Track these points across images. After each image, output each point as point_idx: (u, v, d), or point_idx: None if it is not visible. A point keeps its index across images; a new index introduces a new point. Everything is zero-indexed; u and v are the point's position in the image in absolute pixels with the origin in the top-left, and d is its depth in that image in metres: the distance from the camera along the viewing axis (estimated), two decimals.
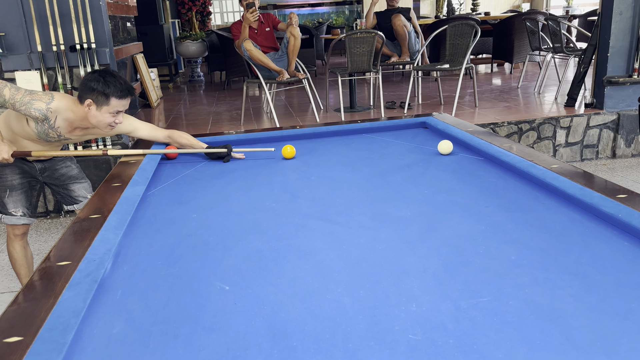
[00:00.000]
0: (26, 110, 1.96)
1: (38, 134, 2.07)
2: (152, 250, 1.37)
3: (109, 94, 1.94)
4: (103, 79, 1.94)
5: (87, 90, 1.96)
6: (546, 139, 4.46)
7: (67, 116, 2.03)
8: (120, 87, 1.97)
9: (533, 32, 5.72)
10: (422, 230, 1.42)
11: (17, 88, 1.96)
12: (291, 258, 1.30)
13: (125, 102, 2.00)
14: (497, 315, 0.99)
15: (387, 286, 1.13)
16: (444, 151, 2.11)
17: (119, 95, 1.97)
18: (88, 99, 1.96)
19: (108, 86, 1.94)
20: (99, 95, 1.94)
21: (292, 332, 0.98)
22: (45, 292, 1.10)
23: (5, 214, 2.28)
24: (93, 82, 1.95)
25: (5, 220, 2.29)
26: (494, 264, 1.20)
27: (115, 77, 1.97)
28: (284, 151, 2.21)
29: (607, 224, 1.37)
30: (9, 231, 2.35)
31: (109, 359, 0.92)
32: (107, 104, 1.96)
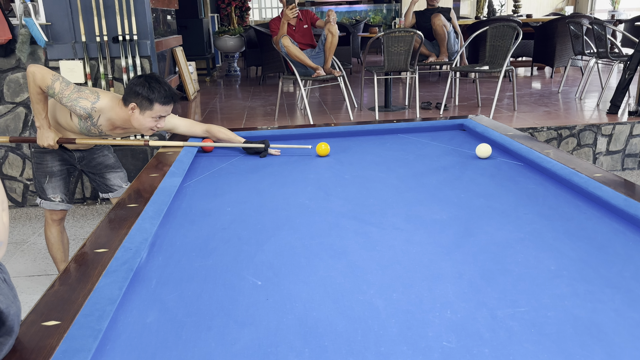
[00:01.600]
0: (72, 107, 2.02)
1: (80, 129, 2.14)
2: (187, 241, 1.39)
3: (153, 99, 1.99)
4: (148, 85, 1.98)
5: (132, 94, 2.01)
6: (586, 146, 4.33)
7: (110, 116, 2.08)
8: (165, 94, 2.01)
9: (577, 36, 5.56)
10: (458, 235, 1.39)
11: (67, 83, 2.02)
12: (323, 256, 1.29)
13: (168, 108, 2.04)
14: (535, 326, 0.97)
15: (421, 290, 1.11)
16: (483, 155, 2.06)
17: (163, 102, 2.01)
18: (132, 102, 2.00)
19: (152, 92, 1.98)
20: (143, 100, 1.99)
21: (323, 331, 0.97)
22: (83, 278, 1.12)
23: (45, 199, 2.35)
24: (138, 86, 1.99)
25: (44, 205, 2.36)
26: (533, 274, 1.16)
27: (160, 83, 2.01)
28: (318, 148, 2.21)
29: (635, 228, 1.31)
30: (47, 216, 2.42)
31: (142, 348, 0.94)
32: (150, 109, 2.00)
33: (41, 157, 2.29)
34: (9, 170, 3.91)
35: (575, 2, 12.43)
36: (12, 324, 0.88)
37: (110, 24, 3.61)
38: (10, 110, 3.79)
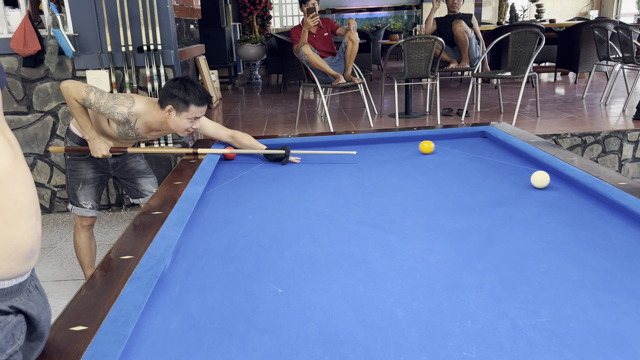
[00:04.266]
0: (110, 114, 2.09)
1: (119, 133, 2.21)
2: (210, 248, 1.41)
3: (189, 101, 2.05)
4: (184, 87, 2.05)
5: (168, 97, 2.07)
6: (612, 153, 4.25)
7: (146, 119, 2.15)
8: (200, 95, 2.07)
9: (601, 41, 5.47)
10: (479, 243, 1.38)
11: (101, 92, 2.10)
12: (343, 265, 1.30)
13: (203, 109, 2.10)
14: (556, 337, 0.96)
15: (441, 300, 1.11)
16: (540, 184, 1.78)
17: (198, 103, 2.07)
18: (169, 104, 2.07)
19: (188, 94, 2.04)
20: (180, 102, 2.05)
21: (343, 340, 0.98)
22: (109, 284, 1.15)
23: (76, 205, 2.41)
24: (174, 89, 2.05)
25: (75, 211, 2.42)
26: (555, 284, 1.15)
27: (195, 85, 2.08)
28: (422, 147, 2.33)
29: None
30: (77, 221, 2.48)
31: (166, 354, 0.96)
32: (186, 110, 2.06)
33: (76, 165, 2.36)
34: (37, 177, 4.02)
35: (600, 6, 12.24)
36: (42, 330, 0.91)
37: (135, 35, 3.69)
38: (39, 119, 3.90)
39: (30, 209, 0.84)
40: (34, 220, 0.85)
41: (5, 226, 0.79)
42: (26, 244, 0.82)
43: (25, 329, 0.86)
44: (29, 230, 0.83)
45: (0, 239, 0.79)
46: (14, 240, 0.80)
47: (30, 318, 0.87)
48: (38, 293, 0.92)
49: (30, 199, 0.84)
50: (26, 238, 0.82)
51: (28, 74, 3.80)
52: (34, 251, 0.85)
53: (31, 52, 3.65)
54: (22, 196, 0.81)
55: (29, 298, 0.88)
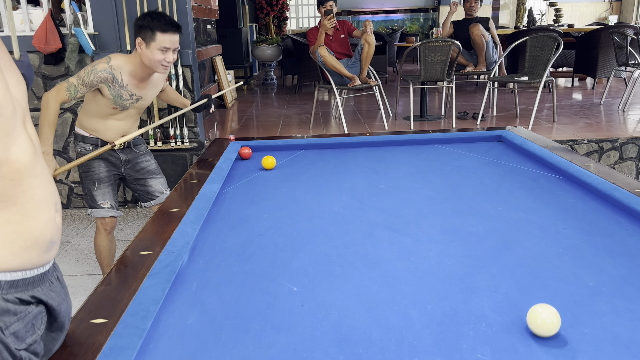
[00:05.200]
0: (94, 77, 2.14)
1: (114, 100, 2.23)
2: (226, 246, 1.43)
3: (153, 27, 2.09)
4: (149, 17, 2.11)
5: (136, 30, 2.14)
6: (629, 160, 4.21)
7: (128, 69, 2.20)
8: (164, 22, 2.11)
9: (620, 47, 5.41)
10: (494, 248, 1.38)
11: (76, 74, 2.18)
12: (358, 265, 1.31)
13: (171, 37, 2.12)
14: (571, 342, 0.96)
15: (455, 303, 1.11)
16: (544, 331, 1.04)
17: (163, 29, 2.10)
18: (138, 37, 2.12)
19: (152, 21, 2.09)
20: (146, 31, 2.10)
21: (357, 339, 0.99)
22: (128, 279, 1.17)
23: (95, 207, 2.43)
24: (140, 20, 2.12)
25: (94, 214, 2.44)
26: (571, 289, 1.15)
27: (161, 14, 2.13)
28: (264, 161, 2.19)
29: None
30: (98, 225, 2.50)
31: (183, 348, 0.97)
32: (153, 40, 2.10)
33: (88, 164, 2.38)
34: None
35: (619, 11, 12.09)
36: (63, 321, 0.94)
37: None
38: (59, 115, 3.95)
39: (49, 202, 0.87)
40: (53, 212, 0.88)
41: (24, 218, 0.82)
42: (45, 235, 0.85)
43: (45, 320, 0.89)
44: (48, 222, 0.86)
45: (20, 230, 0.82)
46: (34, 231, 0.83)
47: (51, 309, 0.90)
48: (59, 285, 0.95)
49: (48, 192, 0.87)
50: (45, 229, 0.85)
51: (49, 71, 3.86)
52: (54, 242, 0.88)
53: (52, 49, 3.71)
54: (40, 190, 0.84)
55: (51, 289, 0.91)
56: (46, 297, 0.89)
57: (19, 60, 1.60)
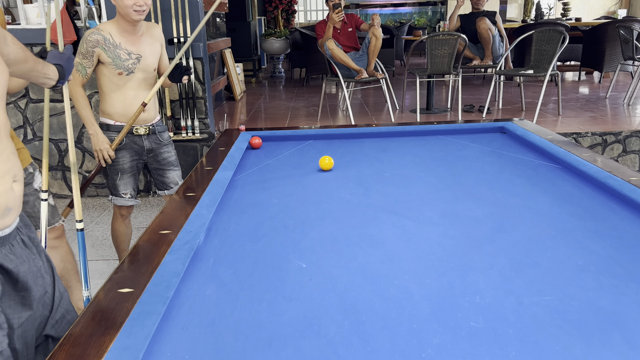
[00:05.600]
0: (87, 44, 2.26)
1: (115, 62, 2.31)
2: (239, 228, 1.52)
3: None
4: None
5: None
6: (632, 153, 4.26)
7: (115, 27, 2.32)
8: None
9: (626, 41, 5.44)
10: (491, 230, 1.47)
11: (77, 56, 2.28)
12: (363, 245, 1.40)
13: None
14: (558, 313, 1.04)
15: (452, 279, 1.20)
16: None
17: None
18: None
19: None
20: None
21: (361, 308, 1.08)
22: (150, 254, 1.27)
23: (116, 195, 2.54)
24: None
25: (115, 202, 2.56)
26: (561, 267, 1.24)
27: None
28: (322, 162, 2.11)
29: None
30: (115, 211, 2.62)
31: (202, 315, 1.07)
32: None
33: (115, 154, 2.48)
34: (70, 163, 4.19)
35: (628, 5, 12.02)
36: (25, 280, 1.07)
37: (166, 27, 3.83)
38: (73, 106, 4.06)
39: (6, 175, 1.01)
40: (10, 183, 1.02)
41: None
42: (1, 203, 0.99)
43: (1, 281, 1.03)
44: (5, 192, 1.00)
45: None
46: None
47: (8, 270, 1.04)
48: (23, 247, 1.10)
49: (7, 167, 1.01)
50: (1, 199, 0.99)
51: None
52: (10, 209, 1.02)
53: (67, 42, 3.81)
54: None
55: (11, 251, 1.05)
56: (3, 259, 1.03)
57: (62, 52, 1.69)
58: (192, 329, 1.02)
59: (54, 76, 1.55)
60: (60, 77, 1.58)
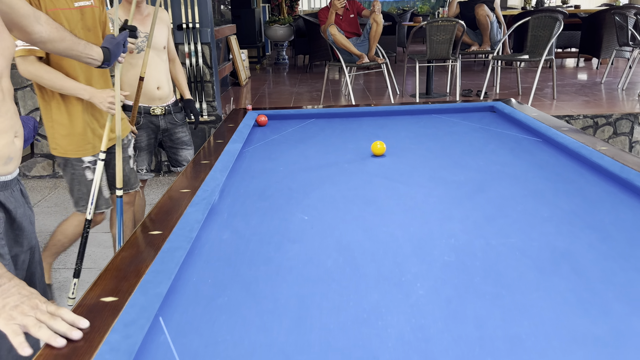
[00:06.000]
0: None
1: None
2: (249, 189, 1.73)
3: None
4: None
5: None
6: (622, 135, 4.43)
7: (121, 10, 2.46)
8: None
9: (621, 27, 5.59)
10: (471, 191, 1.67)
11: None
12: (357, 202, 1.60)
13: None
14: (519, 250, 1.24)
15: (432, 227, 1.40)
16: None
17: None
18: None
19: None
20: None
21: (354, 248, 1.28)
22: (174, 206, 1.47)
23: None
24: None
25: None
26: (528, 218, 1.43)
27: None
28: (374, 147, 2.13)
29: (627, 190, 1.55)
30: None
31: (221, 252, 1.27)
32: None
33: None
34: None
35: None
36: (20, 221, 1.33)
37: (175, 13, 4.01)
38: None
39: (9, 131, 1.23)
40: (12, 138, 1.24)
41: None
42: (3, 153, 1.22)
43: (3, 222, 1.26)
44: (7, 144, 1.22)
45: None
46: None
47: (8, 210, 1.27)
48: (21, 195, 1.34)
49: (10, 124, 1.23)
50: (4, 149, 1.22)
51: None
52: (11, 158, 1.26)
53: None
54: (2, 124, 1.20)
55: (11, 195, 1.29)
56: (5, 200, 1.26)
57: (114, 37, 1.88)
58: (212, 262, 1.22)
59: (97, 57, 1.72)
60: (105, 59, 1.75)
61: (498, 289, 1.08)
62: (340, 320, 0.99)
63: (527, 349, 0.89)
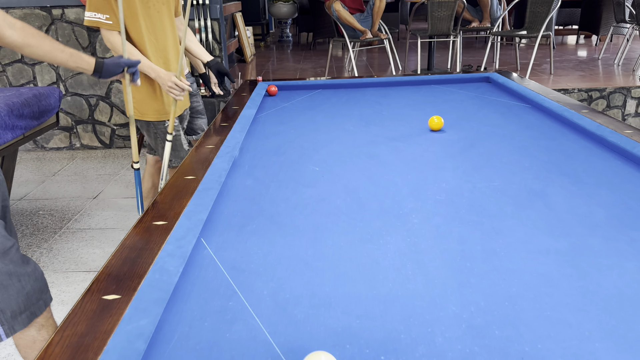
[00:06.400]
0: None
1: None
2: (265, 147, 1.94)
3: None
4: None
5: None
6: (615, 108, 4.61)
7: None
8: None
9: (619, 4, 5.71)
10: (463, 147, 1.87)
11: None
12: (362, 157, 1.81)
13: None
14: (500, 191, 1.46)
15: (427, 175, 1.61)
16: None
17: None
18: None
19: None
20: None
21: (359, 191, 1.50)
22: (202, 158, 1.68)
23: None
24: None
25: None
26: (510, 167, 1.64)
27: None
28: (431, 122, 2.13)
29: (611, 151, 1.75)
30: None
31: (246, 194, 1.49)
32: None
33: None
34: (99, 117, 4.61)
35: None
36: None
37: None
38: None
39: None
40: None
41: None
42: None
43: None
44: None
45: None
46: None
47: None
48: None
49: None
50: None
51: None
52: None
53: None
54: None
55: None
56: None
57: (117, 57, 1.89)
58: (239, 201, 1.44)
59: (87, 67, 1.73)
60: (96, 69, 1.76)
61: (479, 218, 1.30)
62: (348, 239, 1.21)
63: (500, 258, 1.11)
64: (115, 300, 0.93)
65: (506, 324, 0.91)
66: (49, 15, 4.29)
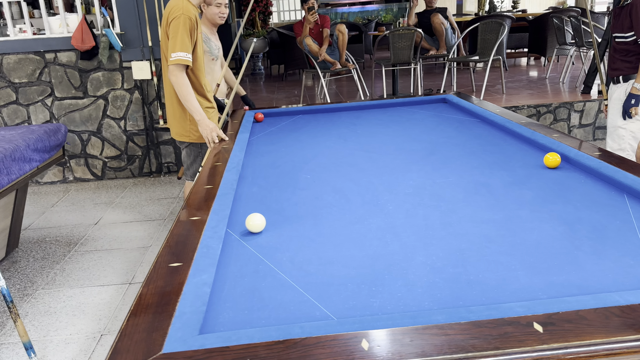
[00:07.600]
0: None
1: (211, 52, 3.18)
2: (262, 163, 2.32)
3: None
4: None
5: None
6: (561, 121, 5.17)
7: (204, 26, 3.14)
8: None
9: (559, 28, 6.37)
10: (424, 154, 2.29)
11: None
12: (344, 166, 2.20)
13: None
14: (454, 184, 1.87)
15: (398, 175, 2.01)
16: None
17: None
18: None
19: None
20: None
21: (345, 190, 1.89)
22: (214, 172, 2.05)
23: None
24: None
25: None
26: (462, 167, 2.06)
27: None
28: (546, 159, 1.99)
29: (542, 150, 2.20)
30: None
31: (254, 198, 1.86)
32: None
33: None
34: (91, 150, 4.91)
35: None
36: None
37: None
38: (93, 102, 4.78)
39: None
40: None
41: None
42: None
43: None
44: None
45: None
46: None
47: None
48: None
49: None
50: None
51: (84, 66, 4.67)
52: None
53: (87, 47, 4.52)
54: None
55: None
56: None
57: None
58: (250, 203, 1.81)
59: None
60: None
61: (438, 203, 1.70)
62: (339, 222, 1.60)
63: (454, 226, 1.51)
64: (179, 266, 1.28)
65: (457, 265, 1.30)
66: (43, 59, 4.62)
